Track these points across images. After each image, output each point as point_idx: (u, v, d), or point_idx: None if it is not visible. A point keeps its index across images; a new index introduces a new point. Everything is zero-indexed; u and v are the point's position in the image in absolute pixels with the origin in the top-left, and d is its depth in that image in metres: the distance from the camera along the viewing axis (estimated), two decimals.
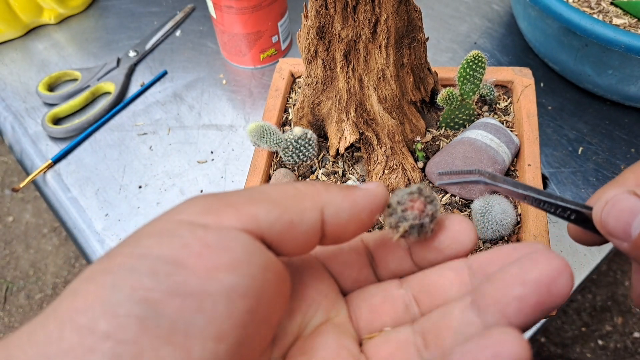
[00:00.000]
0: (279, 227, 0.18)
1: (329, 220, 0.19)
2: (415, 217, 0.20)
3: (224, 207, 0.18)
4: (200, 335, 0.16)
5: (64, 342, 0.15)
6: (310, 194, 0.20)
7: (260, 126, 0.39)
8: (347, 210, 0.20)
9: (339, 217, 0.20)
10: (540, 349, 1.15)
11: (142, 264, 0.16)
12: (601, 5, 0.56)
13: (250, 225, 0.18)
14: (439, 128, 0.44)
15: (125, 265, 0.16)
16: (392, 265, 0.23)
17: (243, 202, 0.19)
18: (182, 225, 0.18)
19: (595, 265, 0.48)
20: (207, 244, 0.17)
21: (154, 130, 0.61)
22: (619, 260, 1.28)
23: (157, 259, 0.16)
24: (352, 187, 0.21)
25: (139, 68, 0.68)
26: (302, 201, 0.19)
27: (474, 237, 0.21)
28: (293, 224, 0.19)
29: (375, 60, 0.37)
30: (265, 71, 0.66)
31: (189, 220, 0.18)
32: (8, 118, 0.63)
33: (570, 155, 0.55)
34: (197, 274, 0.16)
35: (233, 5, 0.58)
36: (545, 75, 0.63)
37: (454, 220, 0.22)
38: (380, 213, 0.21)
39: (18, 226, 1.44)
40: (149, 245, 0.17)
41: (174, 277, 0.16)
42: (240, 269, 0.17)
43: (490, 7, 0.72)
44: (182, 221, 0.18)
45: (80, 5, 0.75)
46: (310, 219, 0.19)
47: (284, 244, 0.19)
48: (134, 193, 0.55)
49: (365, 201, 0.20)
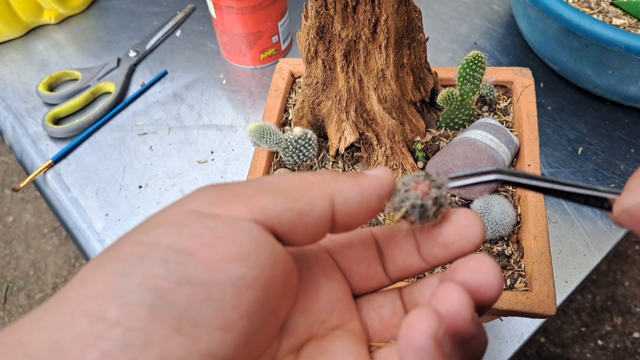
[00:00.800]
0: (289, 217, 0.18)
1: (339, 208, 0.19)
2: (417, 197, 0.20)
3: (233, 198, 0.18)
4: (208, 325, 0.16)
5: (74, 328, 0.15)
6: (319, 183, 0.20)
7: (260, 126, 0.39)
8: (357, 197, 0.20)
9: (348, 205, 0.20)
10: (540, 349, 1.15)
11: (152, 253, 0.16)
12: (601, 6, 0.56)
13: (259, 216, 0.18)
14: (439, 128, 0.44)
15: (135, 254, 0.16)
16: (399, 260, 0.22)
17: (252, 192, 0.19)
18: (192, 215, 0.18)
19: (595, 266, 0.48)
20: (217, 234, 0.17)
21: (154, 130, 0.61)
22: (619, 261, 1.28)
23: (168, 248, 0.16)
24: (359, 175, 0.21)
25: (139, 68, 0.68)
26: (312, 190, 0.19)
27: (481, 233, 0.21)
28: (303, 213, 0.19)
29: (375, 61, 0.37)
30: (265, 71, 0.66)
31: (199, 211, 0.18)
32: (8, 118, 0.63)
33: (570, 155, 0.56)
34: (206, 264, 0.16)
35: (233, 5, 0.58)
36: (545, 75, 0.63)
37: (460, 214, 0.21)
38: (388, 198, 0.21)
39: (18, 226, 1.44)
40: (159, 235, 0.17)
41: (185, 266, 0.16)
42: (248, 261, 0.17)
43: (490, 8, 0.72)
44: (192, 211, 0.18)
45: (80, 5, 0.75)
46: (320, 208, 0.19)
47: (295, 233, 0.19)
48: (134, 193, 0.55)
49: (374, 187, 0.20)
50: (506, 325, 0.46)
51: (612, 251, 0.50)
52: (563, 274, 0.48)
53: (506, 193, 0.39)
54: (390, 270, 0.23)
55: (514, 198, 0.39)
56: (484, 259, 0.19)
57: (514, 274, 0.35)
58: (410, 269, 0.22)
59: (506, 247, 0.36)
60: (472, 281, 0.19)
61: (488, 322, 0.44)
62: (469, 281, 0.19)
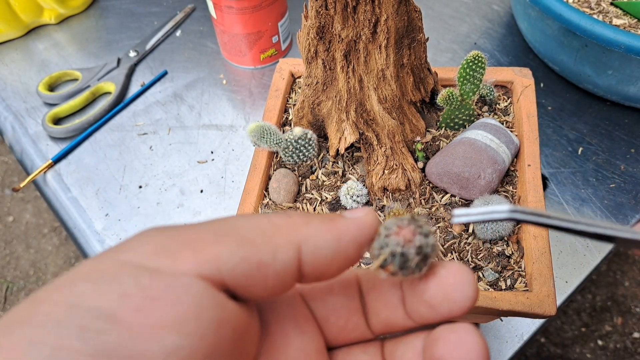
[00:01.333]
0: (245, 270, 0.16)
1: (307, 258, 0.17)
2: (398, 244, 0.17)
3: (180, 247, 0.16)
4: None
5: None
6: (285, 228, 0.17)
7: (260, 126, 0.39)
8: (330, 245, 0.17)
9: (320, 254, 0.17)
10: (540, 349, 1.15)
11: (69, 317, 0.14)
12: (601, 6, 0.56)
13: (208, 270, 0.15)
14: (439, 128, 0.44)
15: (51, 317, 0.14)
16: (382, 313, 0.20)
17: (204, 239, 0.16)
18: (126, 268, 0.15)
19: (595, 266, 0.48)
20: (150, 295, 0.14)
21: (154, 130, 0.61)
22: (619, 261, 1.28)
23: (90, 311, 0.14)
24: (336, 217, 0.18)
25: (139, 68, 0.68)
26: (275, 237, 0.17)
27: (472, 295, 0.18)
28: (263, 264, 0.16)
29: (375, 61, 0.37)
30: (266, 71, 0.66)
31: (135, 263, 0.15)
32: (8, 118, 0.63)
33: (570, 155, 0.56)
34: (132, 333, 0.14)
35: (233, 5, 0.58)
36: (545, 75, 0.63)
37: (449, 269, 0.18)
38: (369, 245, 0.18)
39: (18, 226, 1.44)
40: (83, 292, 0.14)
41: (105, 337, 0.13)
42: (186, 327, 0.14)
43: (490, 8, 0.72)
44: (127, 263, 0.15)
45: (80, 5, 0.75)
46: (283, 259, 0.16)
47: (253, 288, 0.16)
48: (134, 193, 0.56)
49: (352, 233, 0.17)
50: (506, 325, 0.46)
51: (612, 251, 0.50)
52: (563, 274, 0.48)
53: (506, 193, 0.39)
54: (372, 324, 0.20)
55: (514, 198, 0.39)
56: (467, 334, 0.17)
57: (514, 274, 0.35)
58: (394, 325, 0.20)
59: (506, 247, 0.36)
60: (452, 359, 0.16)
61: (488, 322, 0.44)
62: (448, 359, 0.17)
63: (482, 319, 0.42)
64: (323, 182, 0.41)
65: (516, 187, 0.39)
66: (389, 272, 0.18)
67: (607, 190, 0.53)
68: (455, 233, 0.37)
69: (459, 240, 0.37)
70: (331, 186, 0.41)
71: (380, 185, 0.40)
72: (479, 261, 0.36)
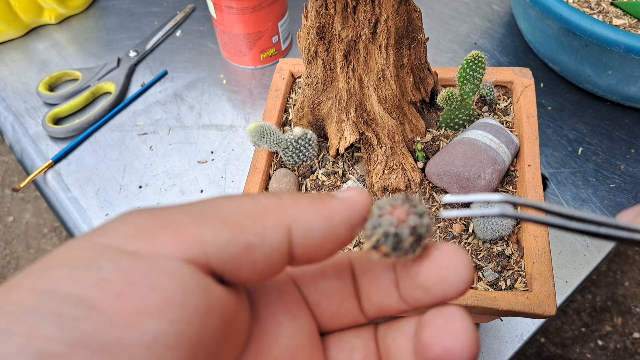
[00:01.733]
0: (232, 253, 0.15)
1: (297, 240, 0.16)
2: (392, 224, 0.17)
3: (161, 229, 0.15)
4: None
5: None
6: (274, 209, 0.16)
7: (260, 126, 0.39)
8: (321, 226, 0.16)
9: (310, 236, 0.16)
10: (540, 349, 1.15)
11: (44, 304, 0.13)
12: (601, 6, 0.56)
13: (193, 253, 0.15)
14: (439, 128, 0.44)
15: (24, 304, 0.13)
16: (376, 297, 0.19)
17: (187, 221, 0.15)
18: (105, 252, 0.14)
19: (595, 266, 0.48)
20: (131, 280, 0.14)
21: (154, 130, 0.61)
22: (619, 261, 1.28)
23: (66, 297, 0.13)
24: (326, 197, 0.17)
25: (139, 68, 0.68)
26: (264, 218, 0.16)
27: (467, 277, 0.17)
28: (251, 247, 0.15)
29: (375, 61, 0.37)
30: (266, 71, 0.66)
31: (115, 246, 0.14)
32: (8, 118, 0.63)
33: (570, 155, 0.56)
34: (112, 320, 0.13)
35: (233, 5, 0.58)
36: (545, 75, 0.63)
37: (444, 251, 0.17)
38: (361, 226, 0.17)
39: (18, 226, 1.44)
40: (58, 278, 0.13)
41: (83, 323, 0.13)
42: (170, 314, 0.13)
43: (490, 8, 0.72)
44: (106, 246, 0.14)
45: (80, 5, 0.75)
46: (273, 241, 0.16)
47: (241, 271, 0.16)
48: (134, 193, 0.56)
49: (343, 214, 0.17)
50: (506, 325, 0.46)
51: (612, 251, 0.50)
52: (563, 274, 0.48)
53: (506, 193, 0.39)
54: (366, 308, 0.19)
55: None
56: (455, 317, 0.16)
57: (514, 274, 0.35)
58: (388, 308, 0.19)
59: (506, 247, 0.36)
60: (438, 346, 0.16)
61: (488, 322, 0.44)
62: (434, 346, 0.16)
63: (482, 319, 0.42)
64: (323, 182, 0.41)
65: (516, 187, 0.39)
66: (381, 253, 0.17)
67: (607, 190, 0.53)
68: (455, 233, 0.37)
69: (458, 240, 0.37)
70: (331, 186, 0.41)
71: (380, 185, 0.40)
72: (479, 261, 0.36)
